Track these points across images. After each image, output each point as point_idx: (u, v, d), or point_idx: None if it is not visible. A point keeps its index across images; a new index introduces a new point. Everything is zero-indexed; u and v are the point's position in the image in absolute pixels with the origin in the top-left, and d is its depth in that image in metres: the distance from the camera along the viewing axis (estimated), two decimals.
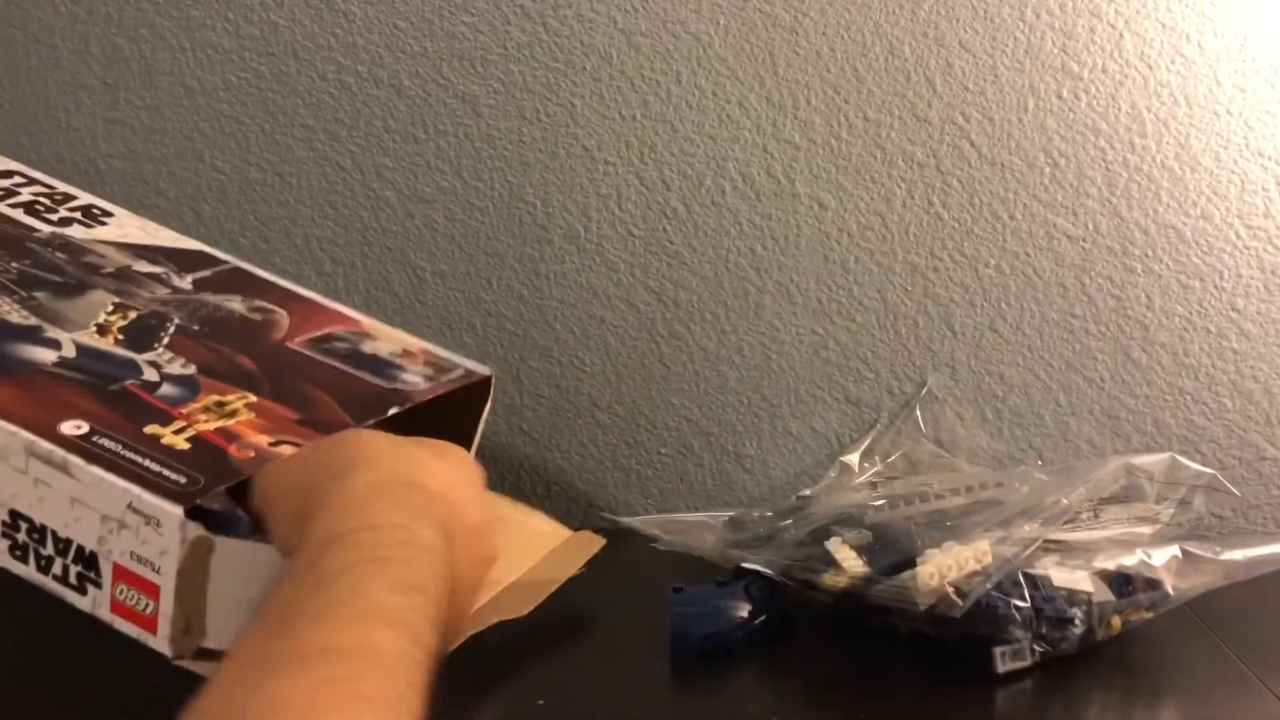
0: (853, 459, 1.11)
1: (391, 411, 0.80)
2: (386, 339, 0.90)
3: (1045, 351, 1.15)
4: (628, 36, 1.14)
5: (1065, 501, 0.86)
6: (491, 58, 1.15)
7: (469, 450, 0.89)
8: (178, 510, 0.66)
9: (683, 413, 1.18)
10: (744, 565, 0.90)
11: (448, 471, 0.65)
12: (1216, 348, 1.14)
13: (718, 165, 1.15)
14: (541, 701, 0.81)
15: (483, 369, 0.90)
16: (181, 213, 1.18)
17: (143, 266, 0.91)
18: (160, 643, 0.67)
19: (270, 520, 0.66)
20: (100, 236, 0.94)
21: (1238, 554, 0.85)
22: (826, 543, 0.86)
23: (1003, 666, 0.79)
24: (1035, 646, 0.79)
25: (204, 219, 1.18)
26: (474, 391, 0.90)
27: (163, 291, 0.88)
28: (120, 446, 0.70)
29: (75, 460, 0.68)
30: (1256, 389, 1.14)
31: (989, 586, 0.78)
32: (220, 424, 0.74)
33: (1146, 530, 0.90)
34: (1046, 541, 0.83)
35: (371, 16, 1.15)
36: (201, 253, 0.96)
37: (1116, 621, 0.82)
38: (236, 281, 0.93)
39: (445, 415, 0.85)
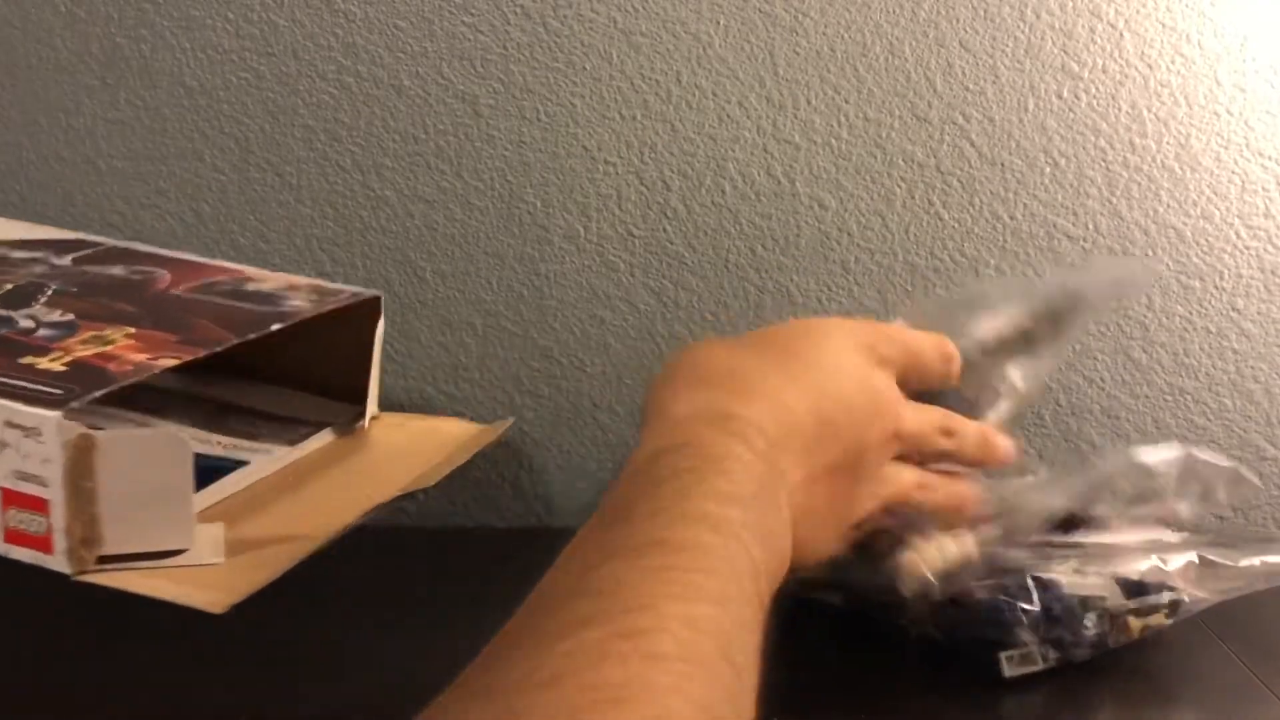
0: None
1: (274, 327, 0.77)
2: (272, 280, 0.89)
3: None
4: (628, 36, 1.11)
5: (1068, 497, 0.83)
6: (491, 58, 1.12)
7: (369, 375, 0.91)
8: (54, 414, 0.63)
9: None
10: None
11: (773, 397, 0.65)
12: (1216, 348, 1.10)
13: (718, 165, 1.11)
14: None
15: (370, 291, 0.88)
16: (182, 213, 1.14)
17: (19, 254, 0.88)
18: (58, 561, 0.64)
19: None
20: None
21: (1255, 561, 0.81)
22: None
23: (1009, 671, 0.75)
24: (1045, 652, 0.75)
25: (204, 219, 1.14)
26: (370, 317, 0.89)
27: (41, 268, 0.86)
28: None
29: None
30: (1256, 389, 1.10)
31: (970, 576, 0.75)
32: (99, 350, 0.72)
33: (1165, 533, 0.86)
34: (1060, 545, 0.80)
35: (371, 16, 1.12)
36: (80, 240, 0.94)
37: (1135, 626, 0.78)
38: (117, 255, 0.92)
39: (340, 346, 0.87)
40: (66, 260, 0.88)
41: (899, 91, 1.10)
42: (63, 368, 0.68)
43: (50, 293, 0.81)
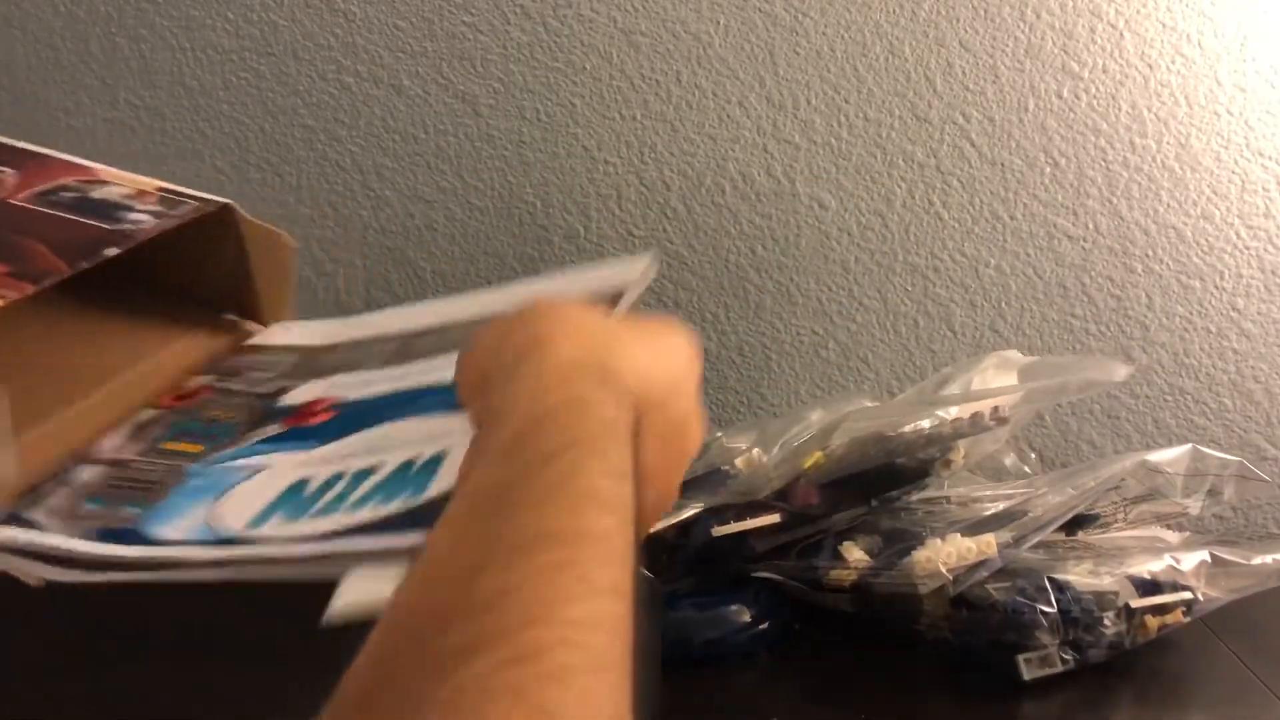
0: None
1: (109, 252, 0.67)
2: (121, 183, 0.76)
3: (1045, 351, 1.06)
4: (628, 36, 1.06)
5: (1072, 490, 0.78)
6: (491, 58, 1.07)
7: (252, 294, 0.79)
8: None
9: None
10: (754, 574, 0.81)
11: (649, 358, 0.56)
12: (1216, 348, 1.05)
13: (718, 165, 1.06)
14: None
15: (218, 199, 0.75)
16: None
17: None
18: None
19: (462, 394, 0.57)
20: None
21: (1268, 559, 0.76)
22: (839, 545, 0.77)
23: (1028, 674, 0.70)
24: (1063, 654, 0.70)
25: None
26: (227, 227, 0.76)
27: None
28: None
29: None
30: (1256, 389, 1.05)
31: (986, 573, 0.70)
32: None
33: (1175, 533, 0.81)
34: (1075, 547, 0.75)
35: (371, 16, 1.07)
36: None
37: (1152, 625, 0.73)
38: None
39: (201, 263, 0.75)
40: None
41: (899, 91, 1.05)
42: None
43: None
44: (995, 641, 0.70)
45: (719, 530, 0.79)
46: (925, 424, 0.80)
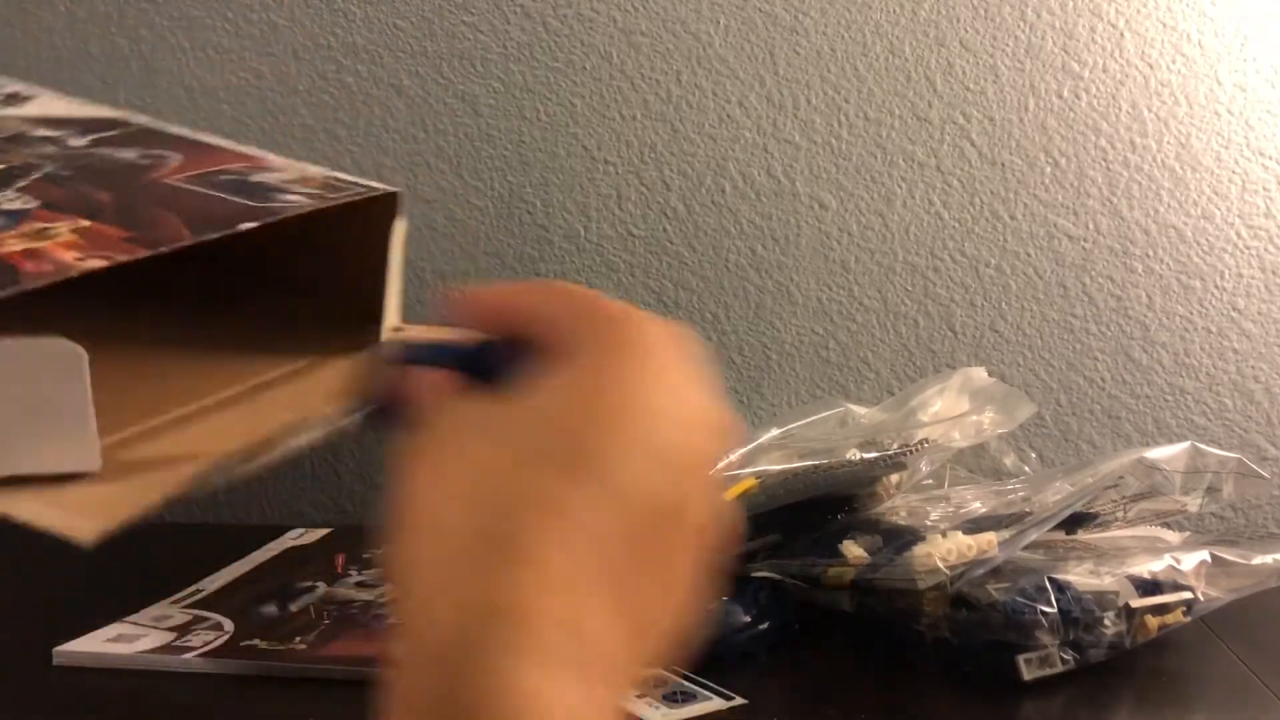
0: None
1: (243, 227, 0.57)
2: (287, 170, 0.67)
3: (1045, 351, 1.06)
4: (628, 36, 1.06)
5: (1070, 488, 0.78)
6: (491, 58, 1.07)
7: (383, 298, 0.62)
8: None
9: None
10: (753, 574, 0.81)
11: (568, 530, 0.35)
12: (1217, 348, 1.05)
13: (718, 165, 1.06)
14: None
15: (384, 186, 0.62)
16: None
17: (42, 131, 0.71)
18: None
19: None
20: (12, 113, 0.77)
21: (1268, 559, 0.76)
22: (839, 544, 0.77)
23: (1029, 674, 0.69)
24: (1063, 654, 0.70)
25: None
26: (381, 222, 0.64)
27: (51, 149, 0.67)
28: None
29: None
30: (1257, 389, 1.05)
31: (985, 570, 0.70)
32: (30, 245, 0.55)
33: (1175, 533, 0.81)
34: (1075, 547, 0.75)
35: (371, 16, 1.07)
36: (116, 119, 0.76)
37: (1153, 625, 0.72)
38: (140, 137, 0.71)
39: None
40: (85, 141, 0.72)
41: (899, 91, 1.05)
42: None
43: (36, 177, 0.64)
44: (995, 641, 0.70)
45: None
46: (854, 456, 0.81)
